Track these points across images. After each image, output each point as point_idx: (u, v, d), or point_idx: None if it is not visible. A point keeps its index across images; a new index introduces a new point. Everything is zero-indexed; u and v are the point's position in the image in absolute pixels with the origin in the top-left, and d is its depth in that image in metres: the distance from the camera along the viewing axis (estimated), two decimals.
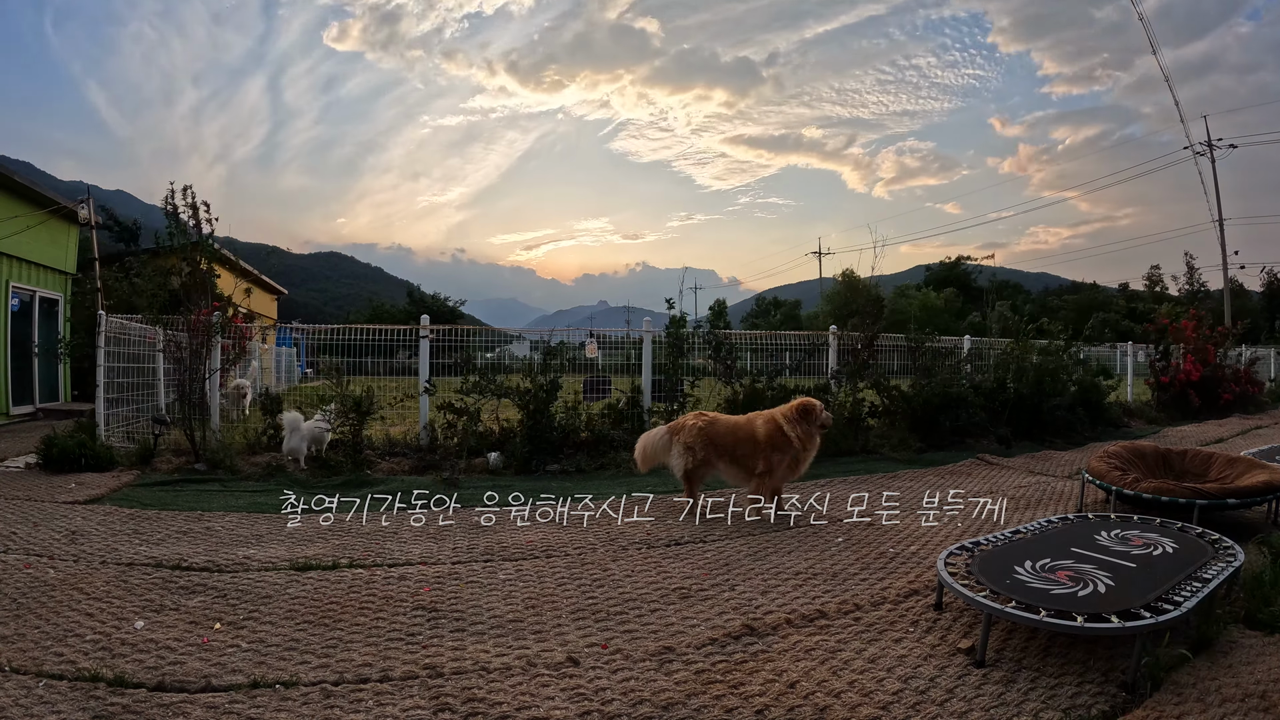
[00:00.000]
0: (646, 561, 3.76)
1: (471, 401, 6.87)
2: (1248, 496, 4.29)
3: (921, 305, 36.81)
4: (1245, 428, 10.26)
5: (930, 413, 7.92)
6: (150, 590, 3.20)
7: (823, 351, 9.02)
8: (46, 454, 6.20)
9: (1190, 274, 43.77)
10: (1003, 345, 9.70)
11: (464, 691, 2.29)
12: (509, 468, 6.47)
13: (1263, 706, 2.17)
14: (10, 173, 10.94)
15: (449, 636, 2.75)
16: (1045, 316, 31.04)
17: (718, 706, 2.21)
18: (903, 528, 4.51)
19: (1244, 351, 15.57)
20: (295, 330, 13.65)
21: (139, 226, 23.30)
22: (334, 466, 6.22)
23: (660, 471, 6.50)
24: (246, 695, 2.25)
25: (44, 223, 11.61)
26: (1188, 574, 2.89)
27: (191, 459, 6.36)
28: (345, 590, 3.24)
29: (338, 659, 2.52)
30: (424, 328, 7.79)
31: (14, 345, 10.94)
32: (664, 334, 7.87)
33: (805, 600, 3.17)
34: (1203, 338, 12.26)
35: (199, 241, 6.52)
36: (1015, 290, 52.49)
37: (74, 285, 12.99)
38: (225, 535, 4.23)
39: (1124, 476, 4.71)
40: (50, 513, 4.70)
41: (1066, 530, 3.62)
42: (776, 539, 4.22)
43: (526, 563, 3.73)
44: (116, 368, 7.20)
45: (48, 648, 2.57)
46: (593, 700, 2.24)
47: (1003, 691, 2.31)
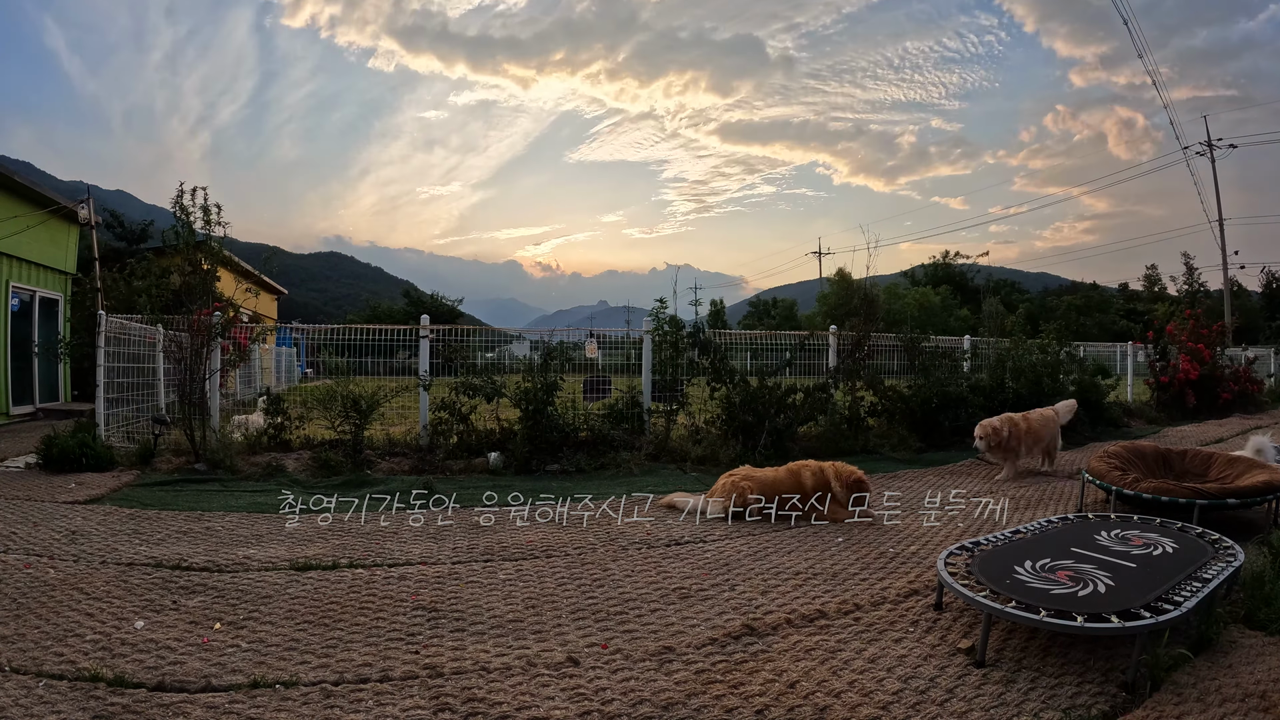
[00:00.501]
0: (646, 561, 3.76)
1: (464, 401, 6.87)
2: (1248, 496, 4.29)
3: (919, 305, 36.78)
4: (1245, 427, 10.26)
5: (930, 412, 7.93)
6: (150, 590, 3.20)
7: (822, 351, 9.03)
8: (46, 454, 6.20)
9: (1189, 274, 43.80)
10: (1003, 345, 9.71)
11: (464, 691, 2.29)
12: (509, 468, 6.47)
13: (1263, 706, 2.17)
14: (10, 173, 10.94)
15: (449, 636, 2.74)
16: (1043, 317, 31.04)
17: (718, 706, 2.21)
18: (903, 527, 4.51)
19: (1243, 351, 15.58)
20: (295, 330, 13.66)
21: (151, 224, 23.31)
22: (334, 466, 6.22)
23: (660, 472, 6.51)
24: (246, 695, 2.25)
25: (44, 223, 11.61)
26: (1188, 574, 2.89)
27: (191, 459, 6.36)
28: (345, 590, 3.24)
29: (338, 659, 2.52)
30: (424, 327, 7.79)
31: (14, 345, 10.94)
32: (655, 333, 7.85)
33: (805, 600, 3.17)
34: (1196, 337, 12.27)
35: (202, 242, 6.53)
36: (1012, 289, 52.44)
37: (74, 285, 12.99)
38: (225, 535, 4.23)
39: (1124, 476, 4.71)
40: (50, 513, 4.70)
41: (1066, 530, 3.62)
42: (776, 539, 4.22)
43: (526, 563, 3.73)
44: (117, 368, 7.20)
45: (48, 647, 2.57)
46: (593, 700, 2.24)
47: (1003, 691, 2.31)
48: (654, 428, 7.55)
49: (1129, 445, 5.50)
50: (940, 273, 50.00)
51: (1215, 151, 26.35)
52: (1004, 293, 48.24)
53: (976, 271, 51.88)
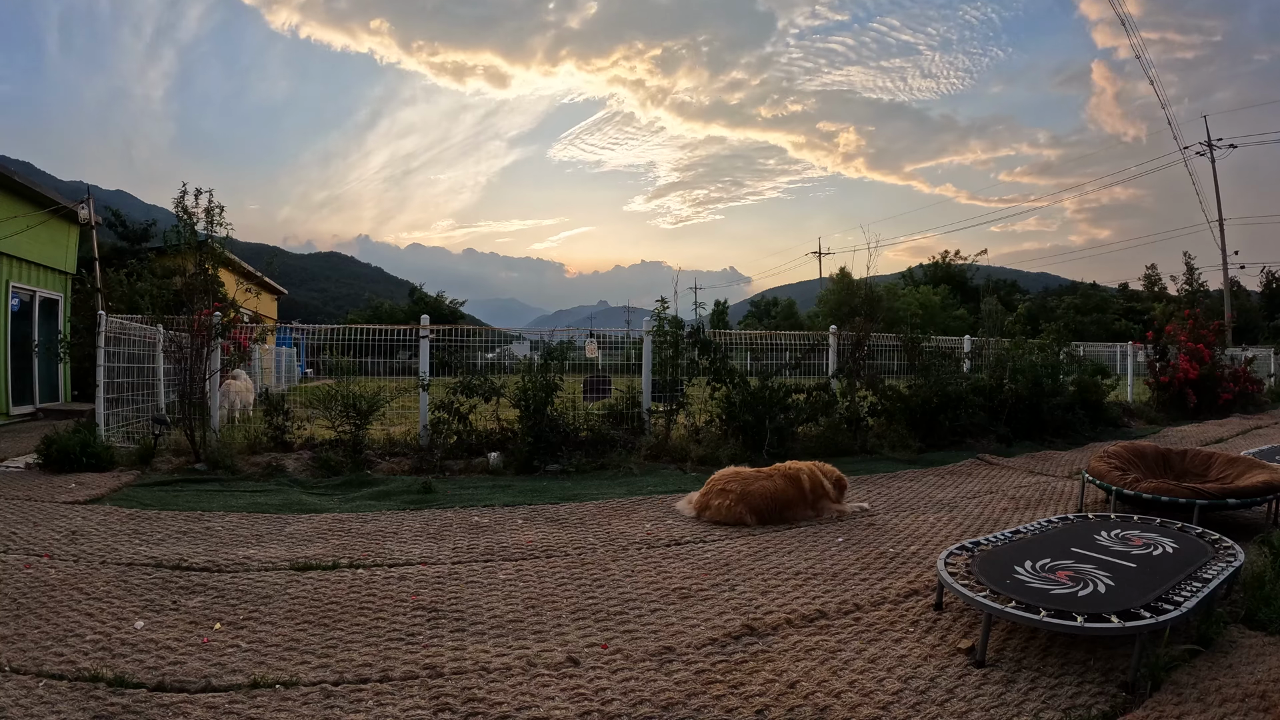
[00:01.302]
0: (646, 562, 3.76)
1: (463, 401, 6.87)
2: (1248, 496, 4.29)
3: (920, 304, 36.77)
4: (1245, 427, 10.26)
5: (929, 412, 7.93)
6: (150, 590, 3.21)
7: (822, 351, 9.03)
8: (47, 454, 6.20)
9: (1189, 274, 43.76)
10: (1003, 345, 9.70)
11: (464, 691, 2.29)
12: (509, 468, 6.47)
13: (1263, 706, 2.17)
14: (10, 173, 10.95)
15: (449, 636, 2.74)
16: (1043, 316, 31.04)
17: (718, 706, 2.21)
18: (903, 527, 4.51)
19: (1243, 351, 15.58)
20: (295, 330, 13.66)
21: (153, 224, 23.31)
22: (334, 466, 6.22)
23: (660, 472, 6.51)
24: (246, 695, 2.25)
25: (44, 223, 11.62)
26: (1188, 574, 2.89)
27: (191, 459, 6.36)
28: (345, 590, 3.24)
29: (337, 659, 2.52)
30: (424, 328, 7.79)
31: (14, 345, 10.95)
32: (656, 333, 7.85)
33: (805, 600, 3.17)
34: (1196, 336, 12.27)
35: (204, 242, 6.54)
36: (1012, 288, 52.40)
37: (74, 285, 13.00)
38: (225, 535, 4.23)
39: (1124, 476, 4.71)
40: (50, 513, 4.70)
41: (1066, 530, 3.62)
42: (776, 539, 4.22)
43: (526, 563, 3.73)
44: (117, 368, 7.20)
45: (48, 647, 2.57)
46: (593, 700, 2.24)
47: (1003, 691, 2.31)
48: (654, 428, 7.55)
49: (1129, 445, 5.49)
50: (939, 272, 49.96)
51: (1215, 151, 26.36)
52: (1004, 292, 48.21)
53: (975, 271, 51.86)
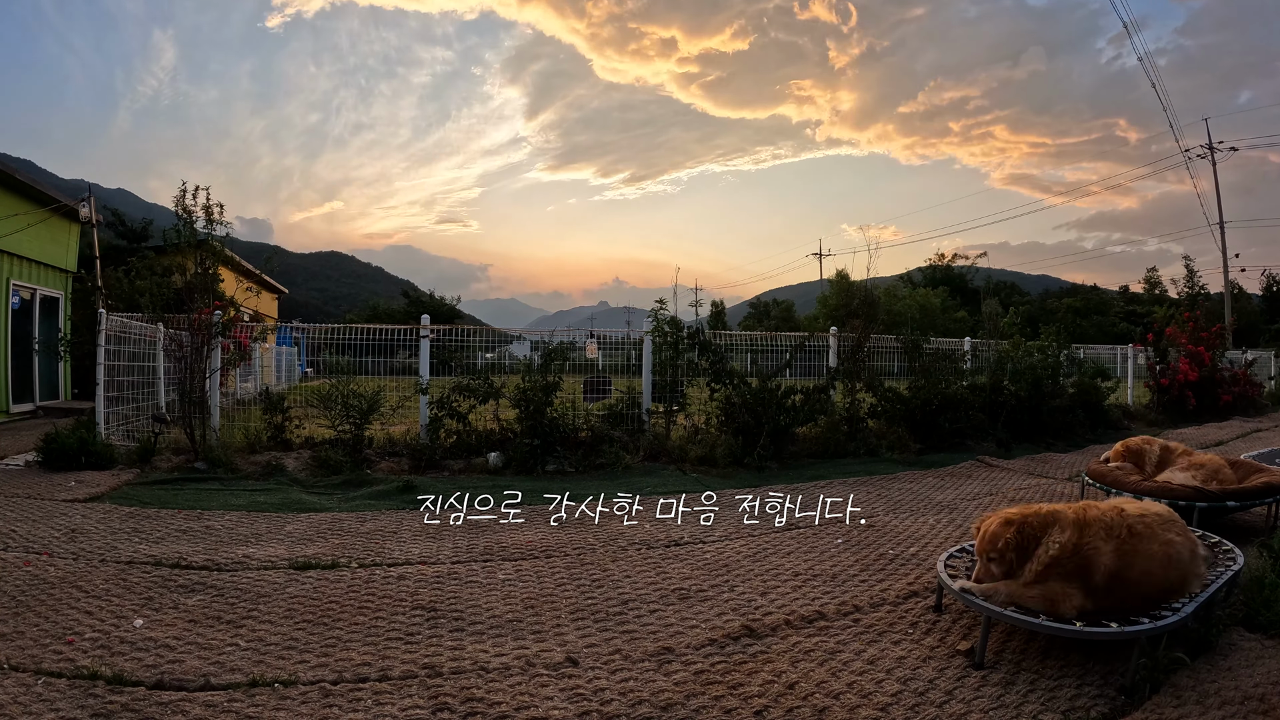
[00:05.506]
0: (646, 562, 3.76)
1: (461, 401, 6.87)
2: (1247, 499, 4.28)
3: (920, 306, 36.76)
4: (1245, 430, 10.26)
5: (929, 414, 7.92)
6: (149, 588, 3.21)
7: (822, 353, 9.03)
8: (46, 452, 6.20)
9: (1190, 276, 43.77)
10: (1003, 347, 9.70)
11: (463, 691, 2.29)
12: (508, 467, 6.47)
13: (1262, 710, 2.17)
14: (11, 170, 10.95)
15: (448, 636, 2.75)
16: (1043, 319, 31.04)
17: (717, 707, 2.21)
18: (902, 529, 4.51)
19: (1243, 354, 15.57)
20: (295, 330, 13.65)
21: (150, 223, 23.32)
22: (334, 465, 6.22)
23: (659, 472, 6.51)
24: (245, 694, 2.25)
25: (45, 221, 11.62)
26: None
27: (191, 457, 6.36)
28: (344, 589, 3.24)
29: (336, 658, 2.52)
30: (424, 327, 7.79)
31: (14, 343, 10.95)
32: (655, 334, 7.85)
33: (804, 601, 3.17)
34: (1196, 339, 12.26)
35: (204, 240, 6.54)
36: (1013, 290, 52.39)
37: (75, 283, 13.00)
38: (224, 534, 4.23)
39: (1124, 478, 4.70)
40: (50, 510, 4.70)
41: None
42: (776, 540, 4.22)
43: (526, 563, 3.73)
44: (117, 366, 7.20)
45: (47, 645, 2.57)
46: (591, 701, 2.24)
47: (1001, 694, 2.31)
48: (654, 428, 7.55)
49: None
50: (939, 274, 49.93)
51: (1215, 154, 26.37)
52: (1004, 294, 48.19)
53: (975, 273, 51.85)
